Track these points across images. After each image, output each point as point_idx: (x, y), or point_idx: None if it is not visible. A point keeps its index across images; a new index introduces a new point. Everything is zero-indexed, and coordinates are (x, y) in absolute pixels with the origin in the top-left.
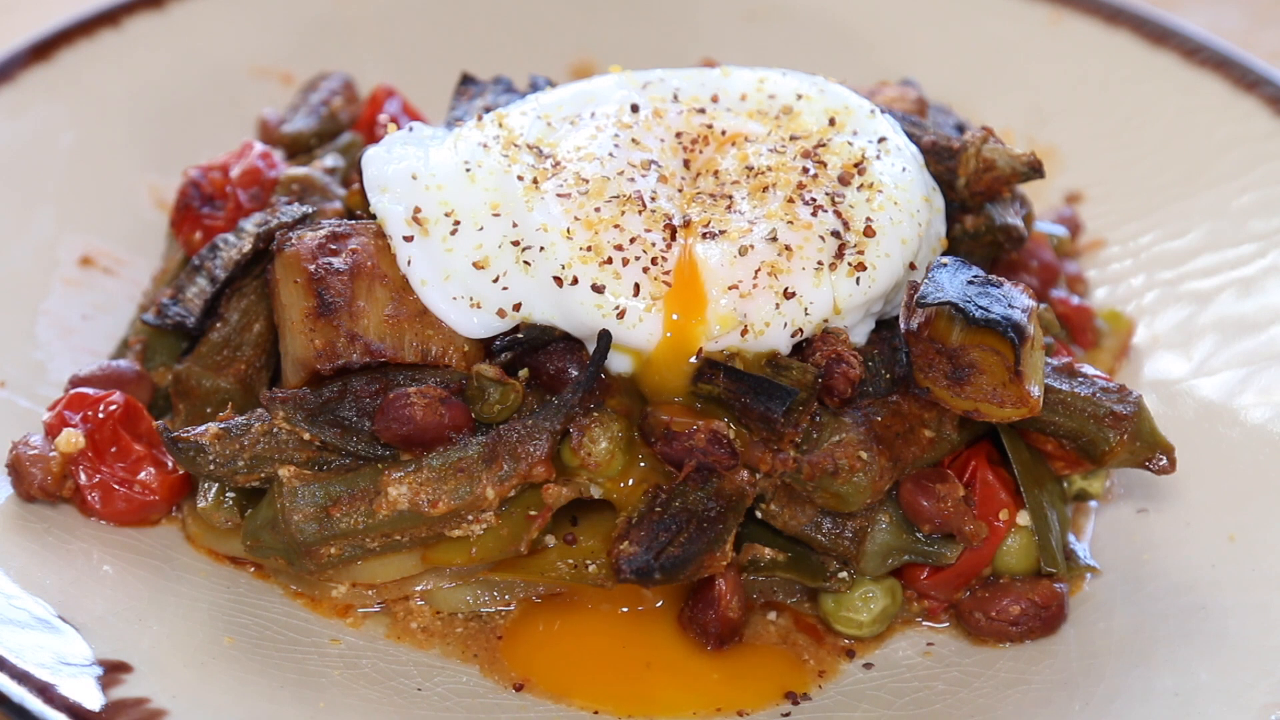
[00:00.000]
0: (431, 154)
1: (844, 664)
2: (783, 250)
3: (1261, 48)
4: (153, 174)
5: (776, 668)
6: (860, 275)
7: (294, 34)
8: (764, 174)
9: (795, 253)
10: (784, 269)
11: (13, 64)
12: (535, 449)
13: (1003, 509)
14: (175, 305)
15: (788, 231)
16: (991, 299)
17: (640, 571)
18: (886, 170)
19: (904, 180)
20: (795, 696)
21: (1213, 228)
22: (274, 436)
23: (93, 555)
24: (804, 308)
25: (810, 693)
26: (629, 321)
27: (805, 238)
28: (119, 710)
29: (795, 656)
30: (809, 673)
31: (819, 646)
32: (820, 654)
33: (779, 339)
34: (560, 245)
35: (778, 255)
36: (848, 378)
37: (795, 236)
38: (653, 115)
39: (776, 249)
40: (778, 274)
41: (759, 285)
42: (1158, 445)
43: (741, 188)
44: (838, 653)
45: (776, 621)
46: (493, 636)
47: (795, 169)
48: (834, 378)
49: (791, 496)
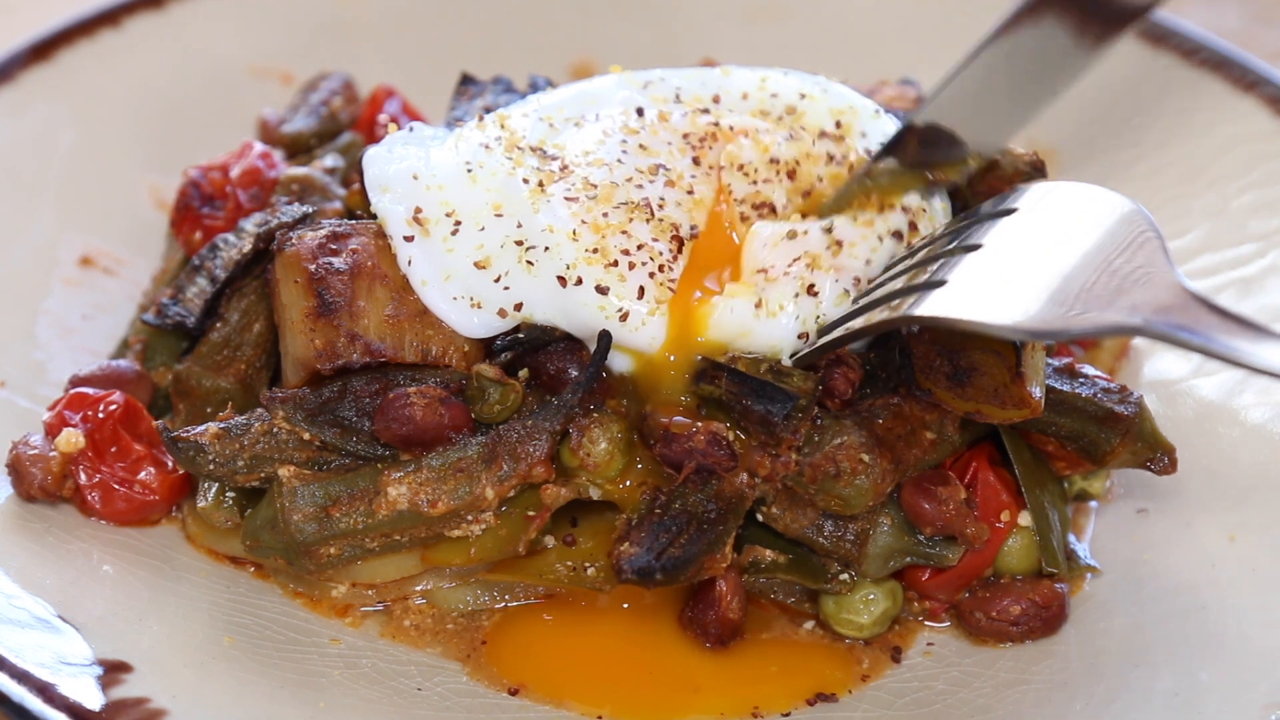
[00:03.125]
0: (432, 154)
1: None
2: (833, 245)
3: (1261, 48)
4: (153, 174)
5: (783, 667)
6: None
7: (294, 34)
8: (795, 169)
9: (845, 249)
10: (825, 266)
11: (13, 64)
12: (535, 449)
13: (1004, 510)
14: (175, 305)
15: (848, 227)
16: None
17: (642, 572)
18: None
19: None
20: (822, 697)
21: (1213, 228)
22: (274, 436)
23: (93, 555)
24: (817, 313)
25: (836, 693)
26: (632, 324)
27: (862, 235)
28: (119, 710)
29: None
30: (835, 673)
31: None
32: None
33: (785, 332)
34: (566, 246)
35: (824, 249)
36: (847, 379)
37: (853, 233)
38: (658, 119)
39: (827, 241)
40: (814, 269)
41: (790, 274)
42: (1159, 446)
43: (775, 186)
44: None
45: (779, 620)
46: (477, 641)
47: (820, 156)
48: (834, 379)
49: (793, 499)
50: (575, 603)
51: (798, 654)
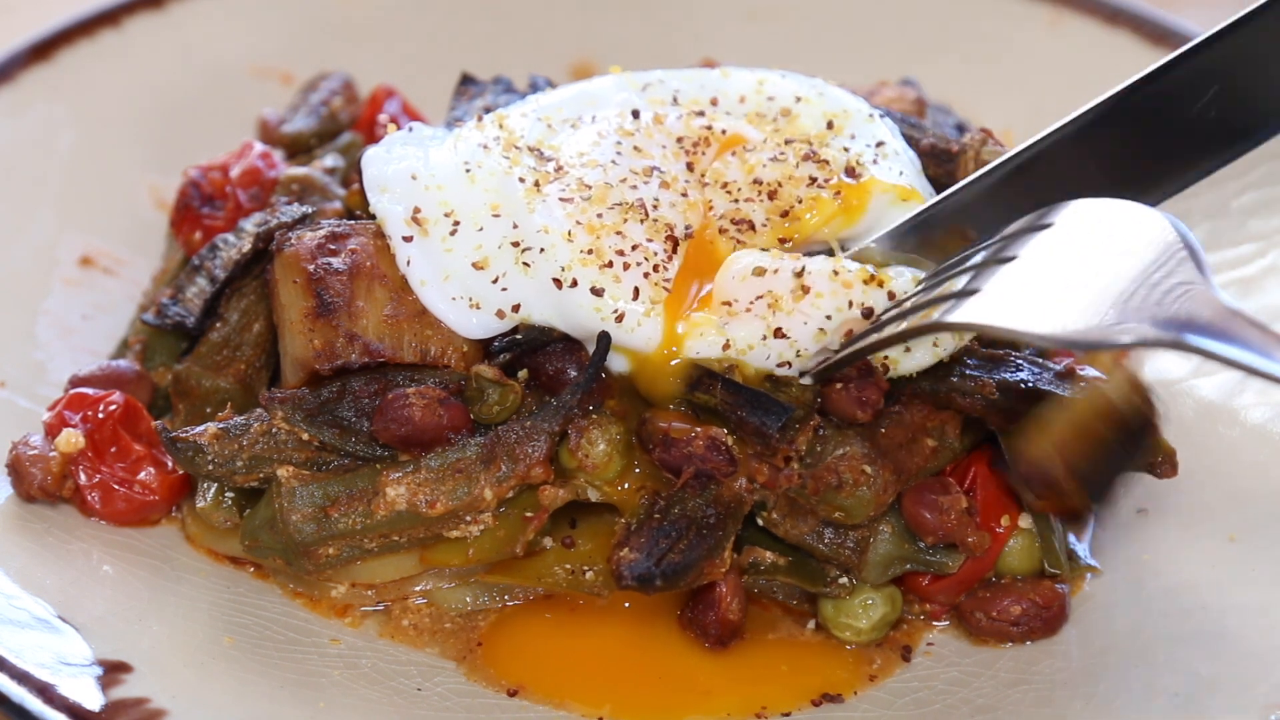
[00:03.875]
0: (431, 154)
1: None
2: (799, 289)
3: None
4: (153, 174)
5: (788, 668)
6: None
7: (294, 34)
8: (777, 190)
9: (810, 298)
10: (787, 309)
11: (13, 64)
12: (533, 450)
13: (1005, 513)
14: (175, 305)
15: (824, 279)
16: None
17: (642, 578)
18: (883, 174)
19: (900, 184)
20: (828, 697)
21: (1213, 228)
22: (273, 436)
23: (93, 555)
24: (795, 349)
25: (842, 694)
26: (628, 325)
27: (833, 291)
28: (119, 710)
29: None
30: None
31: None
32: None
33: (764, 364)
34: (561, 247)
35: (789, 291)
36: (879, 388)
37: (826, 285)
38: (653, 122)
39: (794, 285)
40: (776, 310)
41: (752, 311)
42: (1159, 449)
43: (755, 205)
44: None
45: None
46: (473, 642)
47: (802, 179)
48: (866, 388)
49: (793, 506)
50: (574, 602)
51: (802, 654)
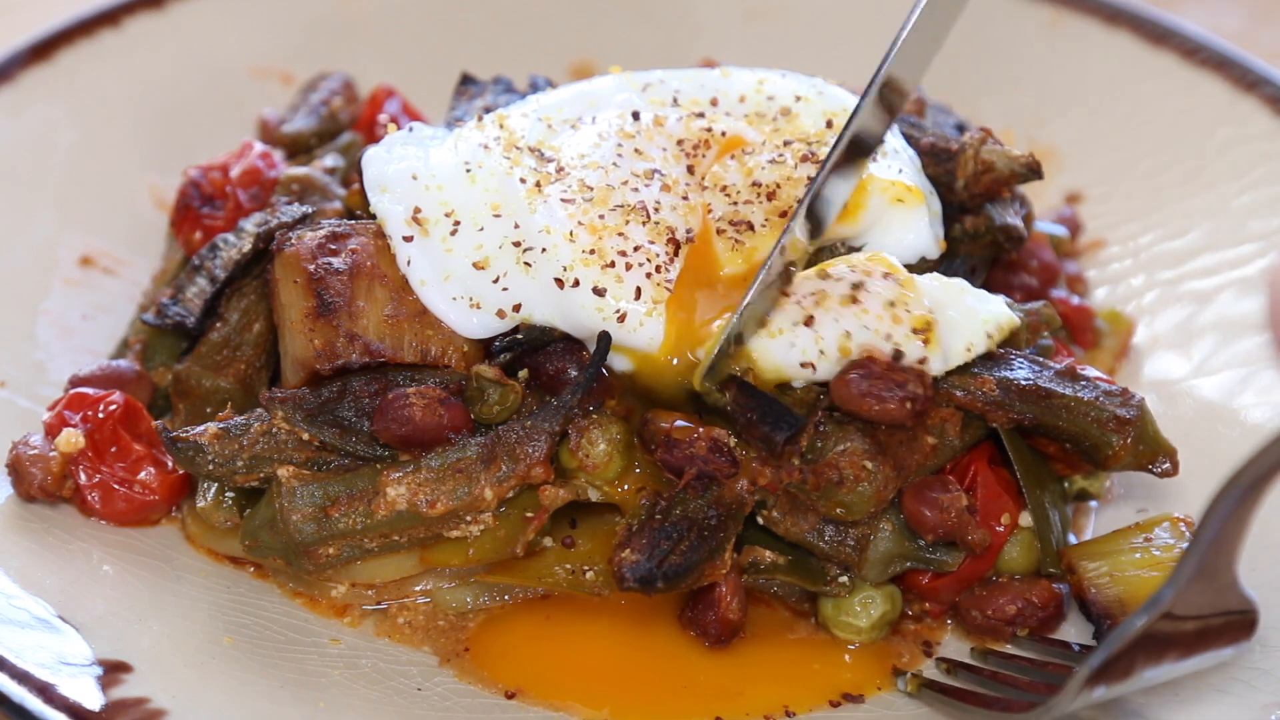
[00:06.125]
0: (432, 154)
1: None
2: (849, 298)
3: (1261, 48)
4: (153, 174)
5: (790, 667)
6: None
7: (294, 34)
8: (775, 191)
9: (856, 308)
10: (828, 308)
11: (13, 64)
12: (534, 450)
13: (1005, 511)
14: (175, 305)
15: (875, 300)
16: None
17: (644, 580)
18: (881, 172)
19: (899, 182)
20: (849, 697)
21: (1213, 228)
22: (273, 436)
23: (93, 555)
24: (819, 347)
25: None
26: (630, 324)
27: (877, 316)
28: (119, 710)
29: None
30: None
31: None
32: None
33: (786, 356)
34: (563, 247)
35: (838, 295)
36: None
37: (877, 307)
38: (653, 124)
39: (849, 293)
40: (819, 306)
41: (800, 302)
42: (1160, 448)
43: (754, 207)
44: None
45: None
46: (461, 645)
47: (801, 180)
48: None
49: (794, 503)
50: (573, 601)
51: (815, 652)
